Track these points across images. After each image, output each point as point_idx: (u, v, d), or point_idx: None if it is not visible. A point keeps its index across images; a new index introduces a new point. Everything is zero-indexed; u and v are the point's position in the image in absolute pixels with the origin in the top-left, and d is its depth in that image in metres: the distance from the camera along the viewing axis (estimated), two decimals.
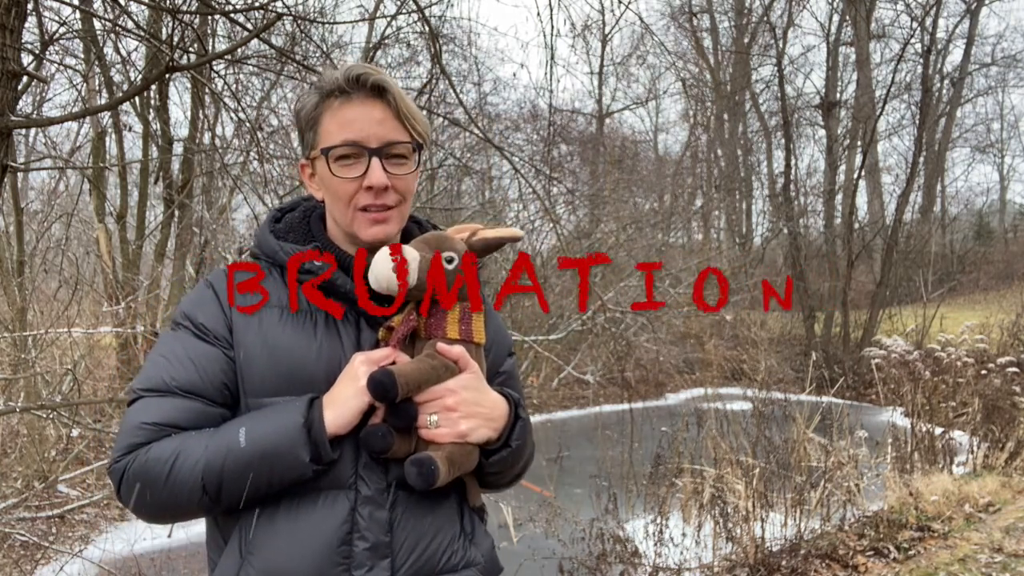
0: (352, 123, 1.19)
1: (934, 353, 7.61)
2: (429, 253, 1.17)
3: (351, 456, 1.15)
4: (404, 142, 1.21)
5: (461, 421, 1.15)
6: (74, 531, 5.95)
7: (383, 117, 1.20)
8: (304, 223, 1.31)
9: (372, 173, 1.18)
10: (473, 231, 1.25)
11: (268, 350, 1.17)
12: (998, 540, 4.55)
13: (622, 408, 9.77)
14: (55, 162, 9.40)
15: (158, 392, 1.14)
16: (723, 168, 23.95)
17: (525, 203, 14.90)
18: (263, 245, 1.27)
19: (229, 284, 1.22)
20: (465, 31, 17.61)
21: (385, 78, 1.20)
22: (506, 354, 1.40)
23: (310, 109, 1.23)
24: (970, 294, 21.32)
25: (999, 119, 29.33)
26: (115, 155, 9.80)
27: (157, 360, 1.17)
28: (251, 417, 1.14)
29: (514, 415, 1.25)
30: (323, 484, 1.14)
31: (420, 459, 1.12)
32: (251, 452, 1.08)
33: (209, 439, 1.11)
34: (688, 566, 4.61)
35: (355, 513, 1.14)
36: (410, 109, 1.21)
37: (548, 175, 12.62)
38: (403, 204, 1.24)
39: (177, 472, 1.08)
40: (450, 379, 1.17)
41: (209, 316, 1.20)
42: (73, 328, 6.91)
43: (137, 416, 1.13)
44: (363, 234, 1.22)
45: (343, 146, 1.19)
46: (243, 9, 3.52)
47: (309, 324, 1.20)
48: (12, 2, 2.20)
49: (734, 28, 23.25)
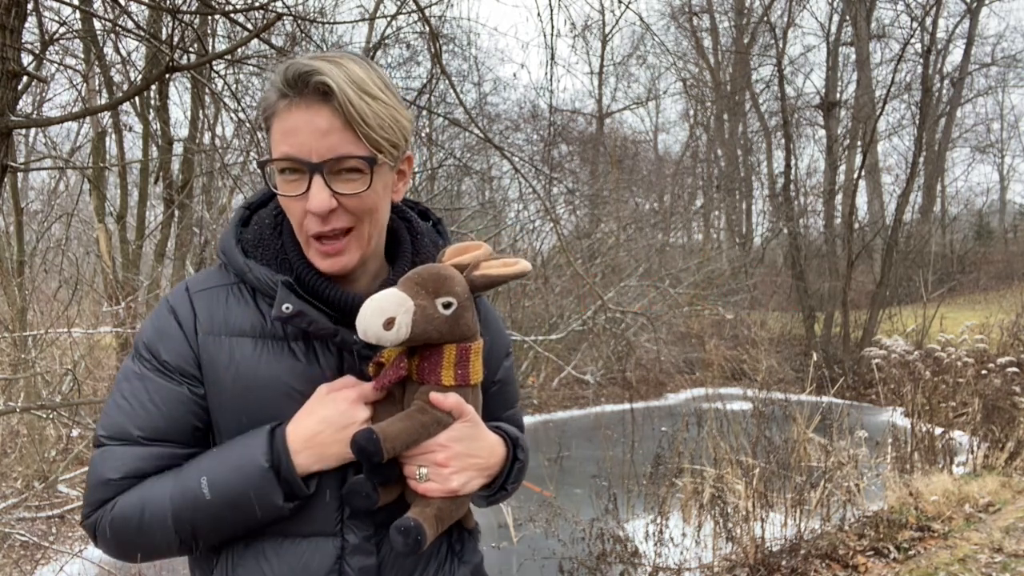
0: (292, 133, 1.01)
1: (934, 353, 7.61)
2: (425, 299, 1.02)
3: (335, 503, 1.07)
4: (354, 156, 1.01)
5: (452, 477, 1.05)
6: (74, 531, 5.95)
7: (328, 127, 0.99)
8: (275, 233, 1.14)
9: (313, 196, 1.01)
10: (475, 262, 1.09)
11: (242, 386, 1.05)
12: (998, 540, 4.55)
13: (622, 408, 9.78)
14: (55, 162, 9.41)
15: (121, 441, 1.04)
16: (723, 168, 23.95)
17: (525, 203, 14.93)
18: (230, 258, 1.11)
19: (193, 311, 1.09)
20: (465, 31, 17.67)
21: (329, 78, 0.98)
22: (503, 356, 1.31)
23: (265, 108, 1.06)
24: (970, 294, 21.32)
25: (999, 119, 29.38)
26: (115, 155, 9.80)
27: (119, 403, 1.06)
28: (210, 459, 1.03)
29: (512, 456, 1.17)
30: (307, 530, 1.07)
31: (407, 528, 1.02)
32: (218, 503, 1.00)
33: (173, 488, 1.02)
34: (688, 566, 4.61)
35: (342, 562, 1.07)
36: (363, 114, 1.00)
37: (548, 175, 12.62)
38: (362, 225, 1.06)
39: (148, 525, 1.02)
40: (441, 433, 1.06)
41: (173, 352, 1.06)
42: (73, 328, 6.91)
43: (101, 470, 1.04)
44: (318, 266, 1.08)
45: (282, 160, 1.02)
46: (243, 9, 3.52)
47: (286, 355, 1.07)
48: (12, 2, 2.20)
49: (734, 28, 23.24)
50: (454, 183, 14.73)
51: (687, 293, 14.77)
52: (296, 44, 6.56)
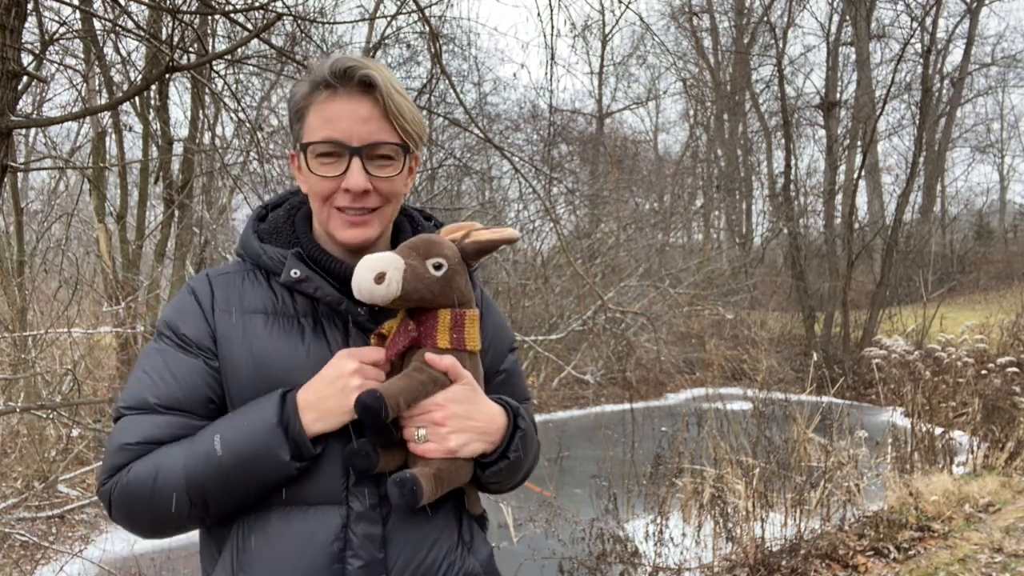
0: (335, 120, 1.13)
1: (934, 353, 7.61)
2: (415, 260, 1.10)
3: (341, 470, 1.11)
4: (390, 143, 1.14)
5: (450, 436, 1.10)
6: (74, 531, 5.95)
7: (369, 115, 1.12)
8: (289, 223, 1.26)
9: (351, 176, 1.12)
10: (467, 231, 1.19)
11: (254, 359, 1.13)
12: (998, 540, 4.55)
13: (622, 408, 9.78)
14: (55, 162, 9.41)
15: (139, 410, 1.11)
16: (723, 168, 23.95)
17: (525, 203, 14.93)
18: (246, 247, 1.22)
19: (211, 291, 1.18)
20: (465, 31, 17.67)
21: (374, 72, 1.11)
22: (507, 350, 1.36)
23: (299, 99, 1.17)
24: (970, 294, 21.33)
25: (999, 119, 29.43)
26: (115, 155, 9.80)
27: (139, 376, 1.14)
28: (224, 421, 1.10)
29: (513, 425, 1.20)
30: (313, 499, 1.10)
31: (403, 479, 1.06)
32: (229, 459, 1.05)
33: (187, 450, 1.07)
34: (688, 566, 4.61)
35: (347, 530, 1.10)
36: (400, 107, 1.14)
37: (548, 175, 12.62)
38: (387, 206, 1.18)
39: (161, 489, 1.05)
40: (439, 393, 1.11)
41: (191, 326, 1.15)
42: (73, 328, 6.91)
43: (119, 437, 1.10)
44: (339, 235, 1.17)
45: (323, 143, 1.13)
46: (243, 9, 3.53)
47: (295, 330, 1.15)
48: (12, 2, 2.20)
49: (734, 28, 23.25)
50: (454, 183, 14.73)
51: (687, 293, 14.77)
52: (296, 44, 6.57)
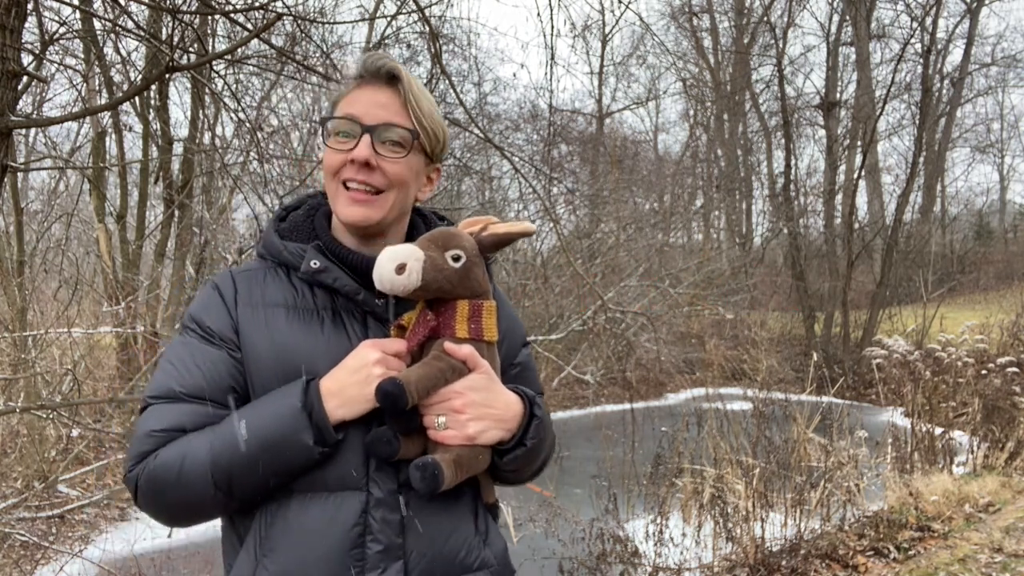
0: (356, 103, 1.22)
1: (934, 353, 7.61)
2: (435, 251, 1.14)
3: (361, 457, 1.15)
4: (401, 126, 1.21)
5: (469, 424, 1.14)
6: (74, 531, 5.95)
7: (387, 102, 1.21)
8: (308, 221, 1.31)
9: (358, 147, 1.19)
10: (484, 225, 1.23)
11: (275, 350, 1.17)
12: (998, 540, 4.55)
13: (622, 408, 9.79)
14: (55, 162, 9.41)
15: (166, 399, 1.15)
16: (723, 168, 23.95)
17: (525, 203, 14.94)
18: (267, 244, 1.27)
19: (235, 286, 1.23)
20: (465, 31, 17.67)
21: (400, 68, 1.21)
22: (520, 344, 1.39)
23: (335, 96, 1.28)
24: (970, 294, 21.33)
25: (999, 119, 29.40)
26: (115, 155, 9.81)
27: (165, 367, 1.18)
28: (250, 408, 1.14)
29: (529, 414, 1.23)
30: (334, 485, 1.13)
31: (424, 463, 1.10)
32: (254, 443, 1.09)
33: (213, 436, 1.11)
34: (688, 566, 4.61)
35: (367, 515, 1.13)
36: (419, 100, 1.22)
37: (548, 175, 12.62)
38: (393, 191, 1.22)
39: (187, 474, 1.09)
40: (458, 381, 1.15)
41: (215, 319, 1.20)
42: (73, 328, 6.91)
43: (146, 424, 1.14)
44: (342, 212, 1.22)
45: (340, 119, 1.22)
46: (243, 9, 3.52)
47: (315, 322, 1.20)
48: (12, 2, 2.20)
49: (734, 28, 23.25)
50: (454, 183, 14.71)
51: (687, 293, 14.77)
52: (296, 44, 6.56)
